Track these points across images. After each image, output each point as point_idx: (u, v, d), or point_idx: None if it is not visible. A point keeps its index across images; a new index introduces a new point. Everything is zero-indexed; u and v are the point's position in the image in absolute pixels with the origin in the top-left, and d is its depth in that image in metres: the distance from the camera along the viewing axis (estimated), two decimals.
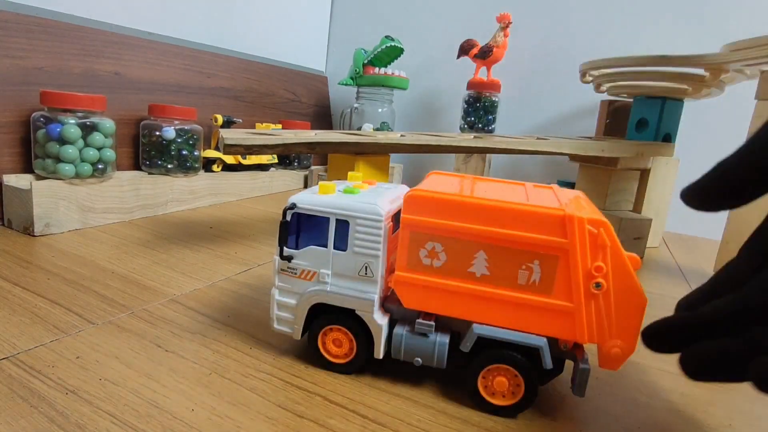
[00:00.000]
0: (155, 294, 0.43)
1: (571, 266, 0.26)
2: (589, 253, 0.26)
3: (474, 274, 0.28)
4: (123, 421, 0.26)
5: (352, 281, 0.30)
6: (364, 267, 0.30)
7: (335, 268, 0.31)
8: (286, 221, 0.31)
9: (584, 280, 0.26)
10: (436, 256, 0.28)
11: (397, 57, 0.99)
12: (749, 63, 0.55)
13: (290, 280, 0.32)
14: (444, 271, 0.28)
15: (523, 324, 0.28)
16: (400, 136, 0.58)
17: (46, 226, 0.56)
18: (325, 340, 0.32)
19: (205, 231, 0.64)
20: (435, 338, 0.30)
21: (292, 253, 0.31)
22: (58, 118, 0.57)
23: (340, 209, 0.30)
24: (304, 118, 1.18)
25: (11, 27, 0.60)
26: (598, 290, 0.26)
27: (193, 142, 0.75)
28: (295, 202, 0.30)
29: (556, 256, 0.26)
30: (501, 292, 0.28)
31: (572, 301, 0.27)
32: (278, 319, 0.33)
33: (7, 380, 0.29)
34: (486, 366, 0.29)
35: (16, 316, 0.36)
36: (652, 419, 0.31)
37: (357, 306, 0.30)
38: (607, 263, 0.26)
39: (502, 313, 0.28)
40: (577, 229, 0.26)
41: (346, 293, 0.30)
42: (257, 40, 1.04)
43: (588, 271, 0.26)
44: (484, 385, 0.29)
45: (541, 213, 0.26)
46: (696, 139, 0.91)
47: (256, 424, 0.27)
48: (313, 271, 0.31)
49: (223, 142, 0.47)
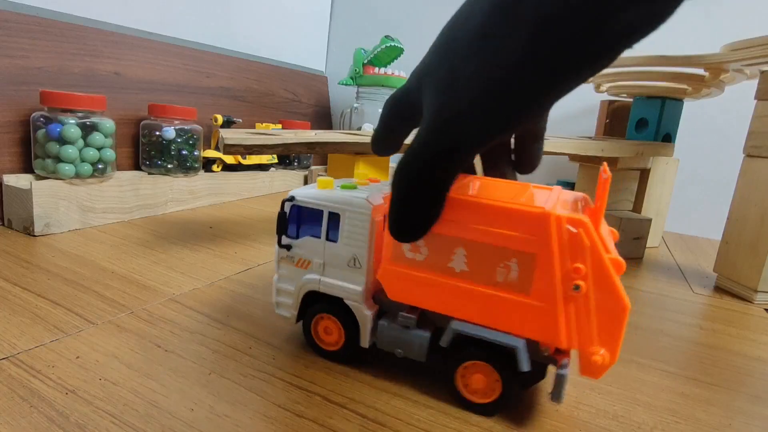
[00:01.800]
0: (155, 294, 0.43)
1: (548, 266, 0.25)
2: (568, 254, 0.25)
3: (453, 269, 0.28)
4: (123, 421, 0.26)
5: (341, 271, 0.32)
6: (353, 258, 0.31)
7: (327, 258, 0.32)
8: (283, 212, 0.32)
9: (562, 282, 0.25)
10: (418, 250, 0.29)
11: (397, 57, 0.99)
12: (749, 63, 0.55)
13: (289, 267, 0.34)
14: (425, 265, 0.29)
15: (501, 323, 0.28)
16: None
17: (46, 226, 0.56)
18: (317, 329, 0.34)
19: (205, 231, 0.64)
20: (416, 332, 0.30)
21: (291, 242, 0.33)
22: (58, 118, 0.57)
23: (332, 202, 0.31)
24: (304, 118, 1.18)
25: (11, 27, 0.60)
26: (576, 292, 0.25)
27: (193, 142, 0.75)
28: (293, 195, 0.32)
29: (534, 254, 0.26)
30: (479, 289, 0.27)
31: (550, 302, 0.26)
32: (279, 304, 0.35)
33: (7, 380, 0.29)
34: (463, 362, 0.29)
35: (16, 316, 0.36)
36: (653, 419, 0.31)
37: (345, 295, 0.32)
38: (587, 265, 0.25)
39: (480, 310, 0.28)
40: (554, 227, 0.25)
41: (336, 283, 0.32)
42: (257, 40, 1.04)
43: (567, 272, 0.25)
44: (464, 383, 0.30)
45: (519, 210, 0.26)
46: (696, 139, 0.91)
47: (255, 423, 0.27)
48: (308, 260, 0.33)
49: (223, 142, 0.47)
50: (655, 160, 0.75)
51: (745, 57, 0.54)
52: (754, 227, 0.56)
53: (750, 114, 0.56)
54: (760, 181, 0.55)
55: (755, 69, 0.60)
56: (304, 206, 0.32)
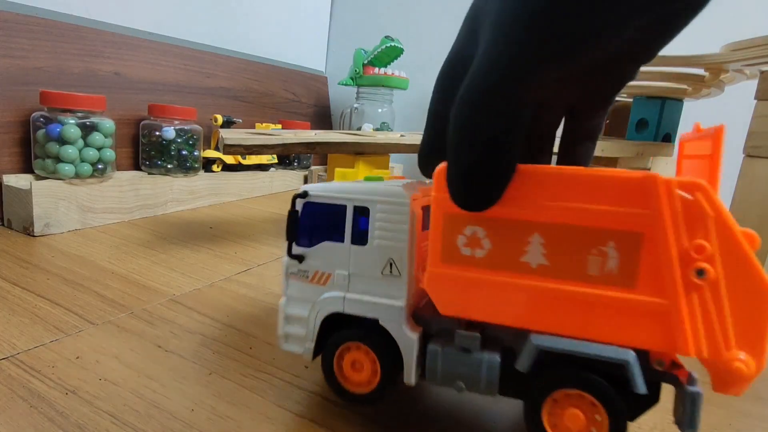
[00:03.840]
0: (155, 294, 0.43)
1: (661, 246, 0.19)
2: (685, 228, 0.19)
3: (528, 264, 0.21)
4: (123, 421, 0.26)
5: (374, 283, 0.25)
6: (388, 263, 0.24)
7: (354, 268, 0.25)
8: (295, 211, 0.26)
9: (681, 266, 0.19)
10: (477, 244, 0.22)
11: (397, 57, 0.99)
12: (749, 63, 0.55)
13: (301, 285, 0.26)
14: (488, 262, 0.22)
15: (598, 331, 0.21)
16: (400, 136, 0.58)
17: (46, 226, 0.56)
18: (341, 364, 0.26)
19: (205, 231, 0.64)
20: (481, 355, 0.23)
21: (304, 251, 0.26)
22: (58, 118, 0.57)
23: (358, 194, 0.25)
24: (304, 118, 1.18)
25: (11, 27, 0.60)
26: (701, 279, 0.19)
27: (193, 142, 0.75)
28: (306, 190, 0.26)
29: (639, 234, 0.19)
30: (565, 288, 0.21)
31: (666, 296, 0.19)
32: (287, 337, 0.27)
33: (7, 380, 0.29)
34: (552, 392, 0.22)
35: (16, 316, 0.36)
36: (653, 419, 0.31)
37: (381, 314, 0.25)
38: (712, 241, 0.19)
39: (568, 316, 0.21)
40: (665, 194, 0.19)
41: (367, 298, 0.25)
42: (257, 40, 1.04)
43: (685, 252, 0.19)
44: (552, 422, 0.22)
45: (615, 177, 0.20)
46: None
47: (256, 424, 0.27)
48: (327, 273, 0.26)
49: (223, 143, 0.47)
50: (655, 161, 0.75)
51: (745, 57, 0.54)
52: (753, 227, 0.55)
53: (750, 114, 0.56)
54: (760, 181, 0.55)
55: (755, 69, 0.60)
56: (321, 202, 0.26)
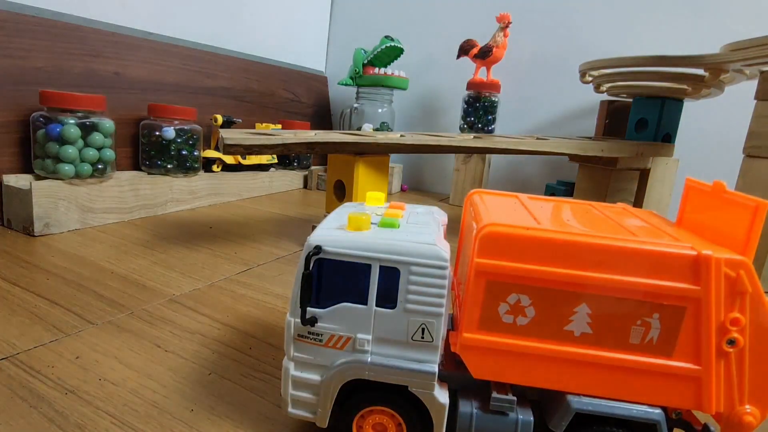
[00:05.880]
0: (155, 294, 0.43)
1: (703, 319, 0.21)
2: (724, 302, 0.21)
3: (572, 333, 0.22)
4: (123, 422, 0.26)
5: (402, 348, 0.23)
6: (420, 329, 0.23)
7: (378, 332, 0.23)
8: (309, 273, 0.23)
9: (716, 336, 0.21)
10: (521, 312, 0.22)
11: (397, 57, 0.99)
12: (749, 63, 0.55)
13: (312, 348, 0.24)
14: (531, 330, 0.22)
15: (630, 393, 0.22)
16: (399, 136, 0.58)
17: (46, 226, 0.56)
18: (362, 424, 0.25)
19: (205, 231, 0.64)
20: (516, 417, 0.23)
21: (317, 313, 0.24)
22: (58, 118, 0.57)
23: (386, 253, 0.22)
24: (304, 118, 1.18)
25: (11, 27, 0.60)
26: (731, 348, 0.21)
27: (193, 142, 0.75)
28: (320, 245, 0.23)
29: (683, 308, 0.21)
30: (607, 355, 0.22)
31: (700, 363, 0.21)
32: (295, 401, 0.25)
33: (7, 380, 0.29)
34: None
35: (15, 316, 0.36)
36: None
37: (411, 381, 0.23)
38: (746, 314, 0.21)
39: (605, 381, 0.22)
40: (714, 272, 0.20)
41: (395, 364, 0.23)
42: (257, 40, 1.04)
43: (722, 324, 0.21)
44: None
45: (667, 253, 0.21)
46: (696, 139, 0.91)
47: (255, 424, 0.27)
48: (346, 337, 0.24)
49: (223, 143, 0.47)
50: (655, 161, 0.75)
51: (745, 57, 0.54)
52: None
53: (750, 114, 0.56)
54: (760, 181, 0.55)
55: (755, 69, 0.60)
56: (339, 260, 0.23)
